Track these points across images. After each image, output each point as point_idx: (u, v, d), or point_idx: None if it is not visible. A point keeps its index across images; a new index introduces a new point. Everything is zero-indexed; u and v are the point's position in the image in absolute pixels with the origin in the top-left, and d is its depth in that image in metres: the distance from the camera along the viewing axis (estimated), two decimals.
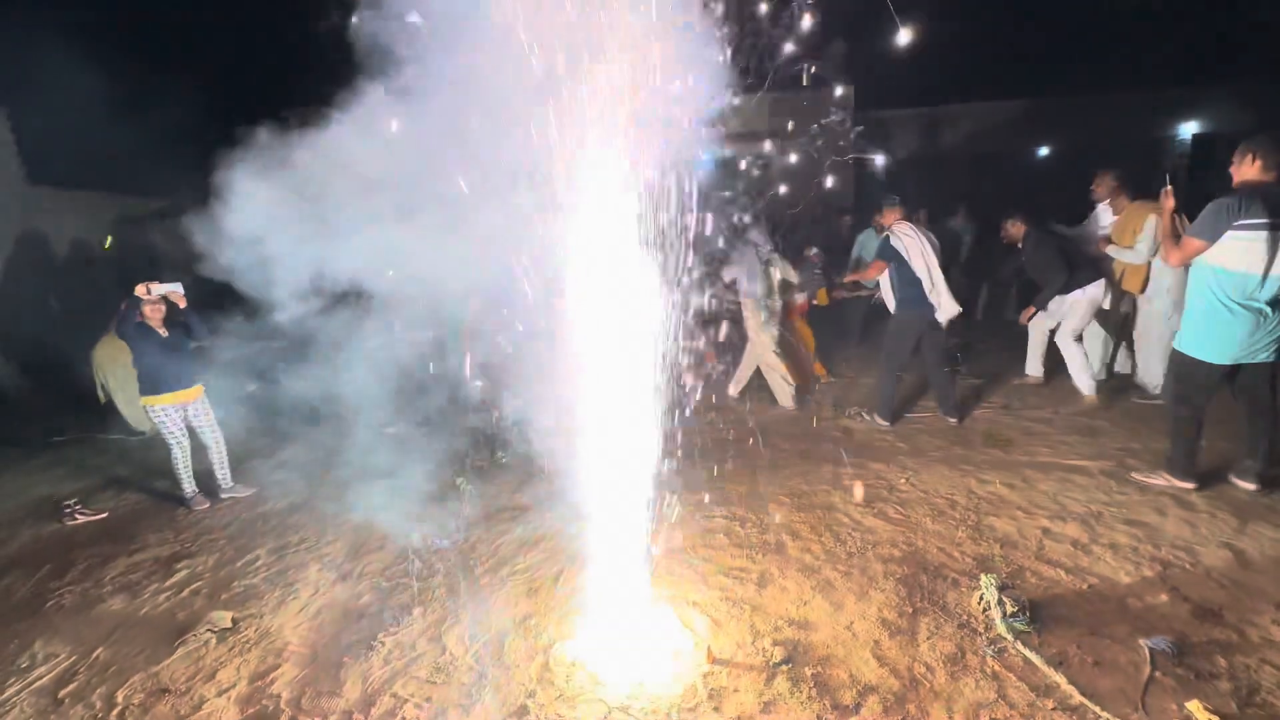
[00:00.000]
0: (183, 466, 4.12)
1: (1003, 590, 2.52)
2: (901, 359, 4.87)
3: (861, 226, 7.42)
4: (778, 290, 5.36)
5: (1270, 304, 3.08)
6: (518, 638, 2.53)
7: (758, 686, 2.18)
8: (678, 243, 2.30)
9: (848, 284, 6.56)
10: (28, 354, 7.26)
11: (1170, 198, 3.46)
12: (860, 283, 6.31)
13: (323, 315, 3.51)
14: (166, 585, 3.18)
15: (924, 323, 4.70)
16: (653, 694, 2.16)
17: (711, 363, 6.09)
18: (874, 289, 5.74)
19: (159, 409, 4.03)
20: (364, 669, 2.42)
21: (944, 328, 4.78)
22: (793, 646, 2.38)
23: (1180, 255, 3.29)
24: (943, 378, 4.89)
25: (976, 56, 11.39)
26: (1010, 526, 3.23)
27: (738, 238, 5.03)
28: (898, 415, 5.02)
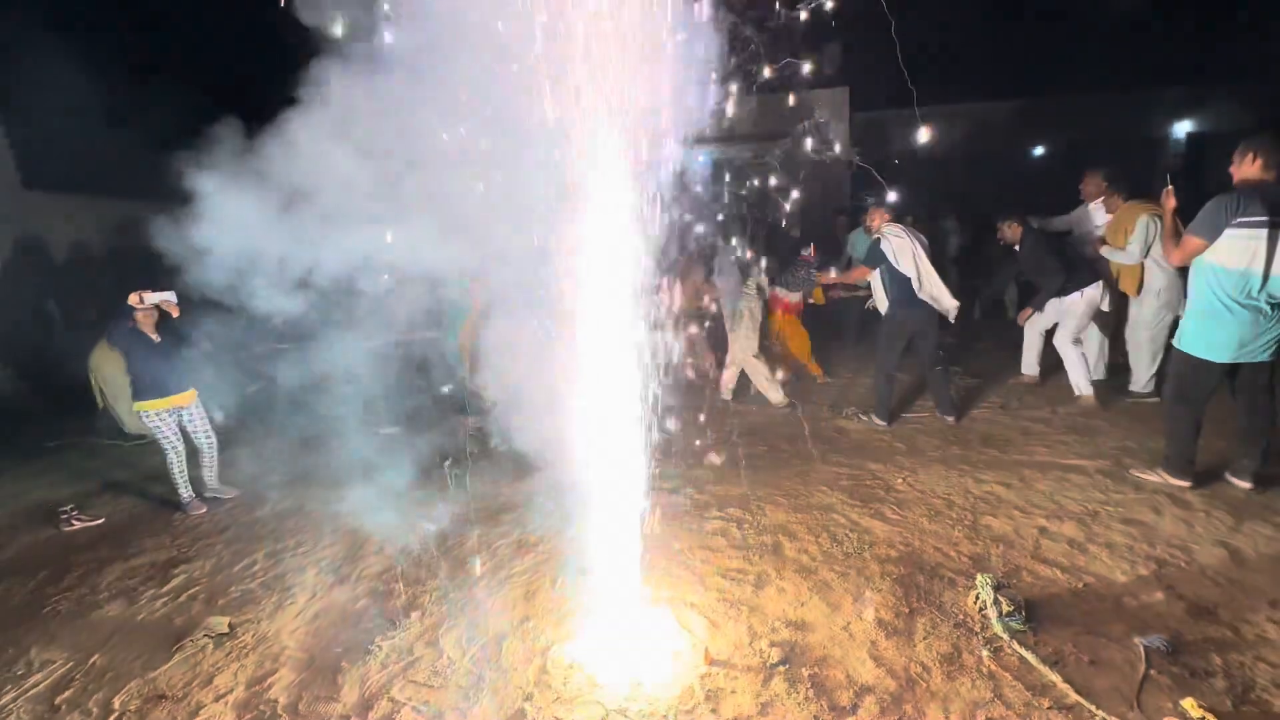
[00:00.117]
0: (178, 471, 4.11)
1: (999, 590, 2.53)
2: (894, 359, 4.88)
3: (856, 226, 7.42)
4: (756, 294, 5.37)
5: (1270, 303, 3.09)
6: (515, 640, 2.53)
7: (755, 687, 2.19)
8: (665, 240, 2.31)
9: (840, 284, 6.56)
10: (24, 359, 7.24)
11: (1171, 198, 3.46)
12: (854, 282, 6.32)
13: (322, 315, 3.49)
14: (163, 590, 3.18)
15: (915, 323, 4.71)
16: (650, 695, 2.17)
17: (710, 362, 6.11)
18: (867, 289, 5.74)
19: (152, 414, 4.03)
20: (361, 673, 2.42)
21: (952, 322, 4.78)
22: (790, 647, 2.39)
23: (1181, 254, 3.30)
24: (938, 378, 4.90)
25: (972, 56, 11.44)
26: (1007, 526, 3.24)
27: (720, 241, 5.04)
28: (895, 415, 5.03)
